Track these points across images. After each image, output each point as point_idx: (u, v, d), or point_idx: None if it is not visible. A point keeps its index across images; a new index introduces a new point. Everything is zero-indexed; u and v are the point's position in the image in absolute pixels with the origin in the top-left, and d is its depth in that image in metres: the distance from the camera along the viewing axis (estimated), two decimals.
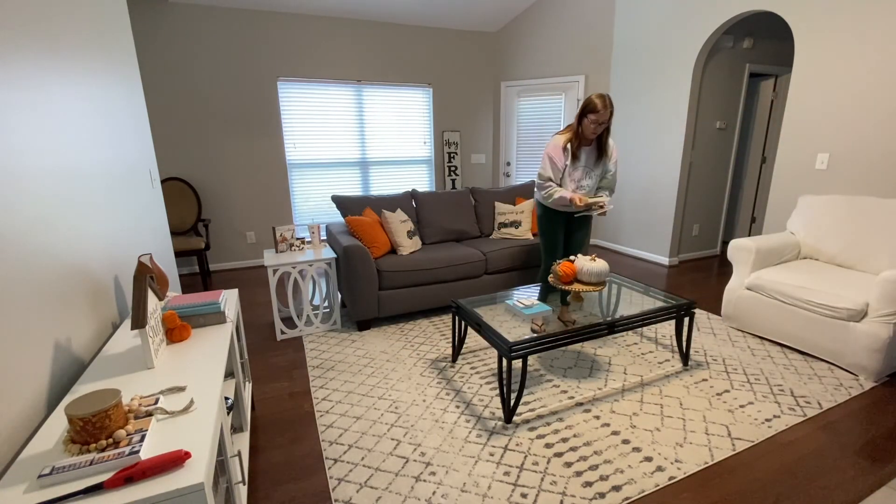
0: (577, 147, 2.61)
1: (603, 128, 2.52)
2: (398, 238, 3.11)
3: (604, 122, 2.48)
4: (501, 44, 5.33)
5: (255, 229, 4.67)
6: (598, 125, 2.49)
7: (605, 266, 2.42)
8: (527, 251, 3.40)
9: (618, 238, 5.02)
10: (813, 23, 3.08)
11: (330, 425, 2.00)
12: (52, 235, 1.25)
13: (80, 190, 1.48)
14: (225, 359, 1.34)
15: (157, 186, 2.53)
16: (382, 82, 4.90)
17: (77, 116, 1.55)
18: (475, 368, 2.47)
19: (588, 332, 2.08)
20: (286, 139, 4.61)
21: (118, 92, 2.04)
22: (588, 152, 2.64)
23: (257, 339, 2.93)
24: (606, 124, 2.51)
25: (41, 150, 1.26)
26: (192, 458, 0.89)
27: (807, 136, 3.22)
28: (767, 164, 4.91)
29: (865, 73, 2.86)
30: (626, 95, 4.60)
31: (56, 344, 1.20)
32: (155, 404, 1.06)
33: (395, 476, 1.69)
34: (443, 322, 3.11)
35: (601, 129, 2.52)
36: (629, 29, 4.46)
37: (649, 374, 2.38)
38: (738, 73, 4.34)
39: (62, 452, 0.92)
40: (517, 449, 1.82)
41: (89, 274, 1.46)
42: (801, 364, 2.46)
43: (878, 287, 2.20)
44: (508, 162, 5.58)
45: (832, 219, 2.81)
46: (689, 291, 3.69)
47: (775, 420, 1.99)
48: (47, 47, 1.38)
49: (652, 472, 1.69)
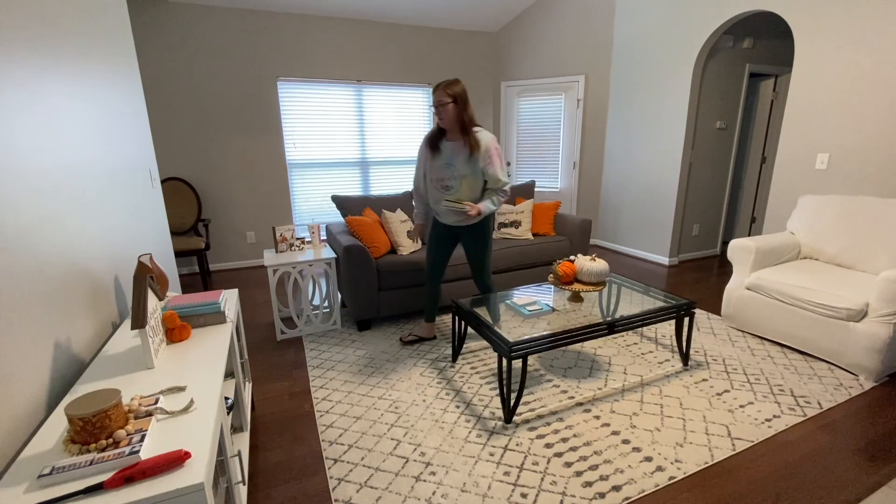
0: (440, 139, 2.35)
1: (444, 113, 2.21)
2: (398, 238, 3.11)
3: (438, 105, 2.21)
4: (501, 44, 5.33)
5: (255, 229, 4.67)
6: (436, 108, 2.23)
7: (605, 266, 2.42)
8: (527, 251, 3.40)
9: (618, 238, 5.02)
10: (813, 23, 3.08)
11: (330, 425, 2.00)
12: (52, 235, 1.25)
13: (79, 190, 1.48)
14: (225, 359, 1.34)
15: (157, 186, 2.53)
16: (382, 82, 4.90)
17: (77, 116, 1.55)
18: (475, 368, 2.47)
19: (588, 332, 2.08)
20: (286, 139, 4.61)
21: (118, 92, 2.04)
22: (454, 147, 2.30)
23: (257, 339, 2.93)
24: (440, 107, 2.20)
25: (41, 149, 1.26)
26: (192, 458, 0.89)
27: (807, 136, 3.22)
28: (767, 164, 4.91)
29: (865, 72, 2.86)
30: (627, 95, 4.60)
31: (56, 344, 1.20)
32: (155, 404, 1.06)
33: (395, 476, 1.69)
34: (443, 322, 3.11)
35: (442, 113, 2.22)
36: (629, 29, 4.46)
37: (649, 374, 2.38)
38: (738, 73, 4.34)
39: (62, 452, 0.92)
40: (517, 449, 1.82)
41: (89, 274, 1.46)
42: (801, 364, 2.46)
43: (878, 287, 2.20)
44: (508, 162, 5.58)
45: (832, 219, 2.81)
46: (689, 291, 3.69)
47: (775, 420, 1.99)
48: (48, 47, 1.38)
49: (652, 472, 1.69)
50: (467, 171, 2.30)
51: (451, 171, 2.32)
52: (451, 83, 2.21)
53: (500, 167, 2.31)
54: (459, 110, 2.22)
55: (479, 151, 2.26)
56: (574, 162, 5.17)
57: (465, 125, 2.24)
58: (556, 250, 3.51)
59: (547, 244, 3.48)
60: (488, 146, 2.27)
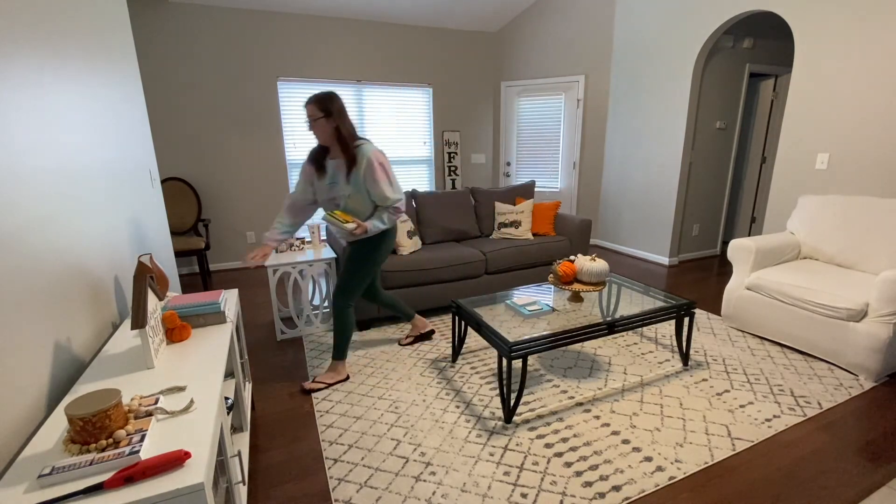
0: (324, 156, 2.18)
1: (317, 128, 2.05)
2: (398, 238, 3.11)
3: (310, 121, 2.04)
4: (501, 44, 5.33)
5: (255, 229, 4.67)
6: (308, 124, 2.06)
7: (605, 266, 2.42)
8: (527, 251, 3.40)
9: (618, 238, 5.02)
10: (813, 23, 3.08)
11: (330, 425, 2.00)
12: (52, 235, 1.25)
13: (79, 190, 1.48)
14: (225, 359, 1.34)
15: (157, 186, 2.53)
16: (382, 82, 4.90)
17: (77, 116, 1.55)
18: (475, 368, 2.47)
19: (588, 332, 2.08)
20: (286, 139, 4.61)
21: (118, 92, 2.04)
22: (336, 164, 2.14)
23: (257, 339, 2.93)
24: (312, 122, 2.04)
25: (41, 149, 1.26)
26: (192, 458, 0.89)
27: (807, 136, 3.22)
28: (767, 164, 4.91)
29: (865, 72, 2.86)
30: (626, 95, 4.60)
31: (56, 344, 1.20)
32: (155, 404, 1.06)
33: (395, 476, 1.69)
34: (443, 322, 3.11)
35: (315, 129, 2.05)
36: (629, 29, 4.46)
37: (649, 374, 2.38)
38: (738, 73, 4.34)
39: (62, 452, 0.92)
40: (517, 449, 1.82)
41: (89, 274, 1.46)
42: (801, 364, 2.46)
43: (878, 287, 2.20)
44: (508, 162, 5.58)
45: (832, 219, 2.81)
46: (689, 291, 3.69)
47: (775, 420, 1.99)
48: (48, 47, 1.38)
49: (652, 472, 1.69)
50: (350, 189, 2.10)
51: (336, 189, 2.15)
52: (324, 98, 2.03)
53: (385, 183, 2.10)
54: (334, 125, 2.03)
55: (357, 168, 2.06)
56: (574, 162, 5.17)
57: (343, 140, 2.05)
58: (556, 250, 3.51)
59: (547, 244, 3.48)
60: (370, 161, 2.05)
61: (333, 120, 2.03)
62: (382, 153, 2.12)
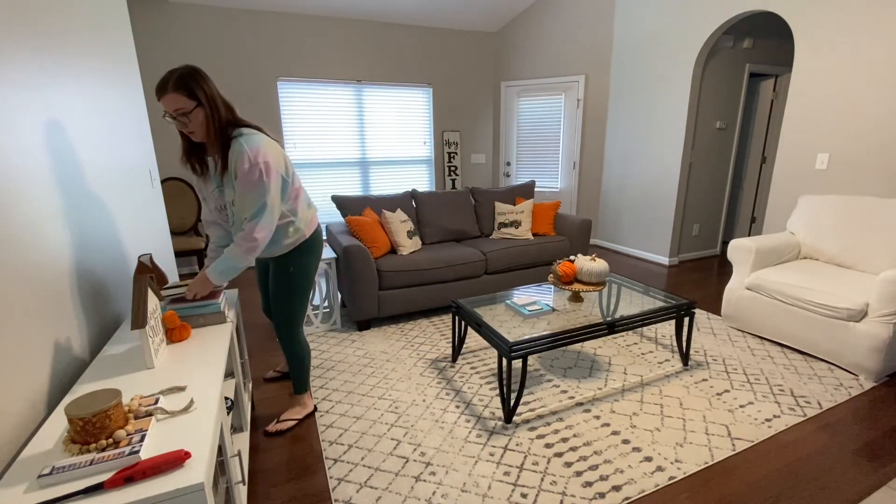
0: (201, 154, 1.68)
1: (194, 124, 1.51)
2: (398, 238, 3.11)
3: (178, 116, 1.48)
4: (501, 44, 5.33)
5: None
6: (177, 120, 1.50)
7: (605, 266, 2.42)
8: (527, 251, 3.40)
9: (618, 238, 5.02)
10: (813, 23, 3.08)
11: (330, 425, 2.00)
12: (52, 235, 1.25)
13: (79, 189, 1.48)
14: (225, 359, 1.34)
15: (157, 186, 2.53)
16: (382, 82, 4.90)
17: (77, 116, 1.55)
18: (475, 368, 2.47)
19: (588, 332, 2.08)
20: (286, 139, 4.61)
21: (118, 92, 2.04)
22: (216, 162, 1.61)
23: (257, 339, 2.93)
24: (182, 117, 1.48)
25: (41, 149, 1.26)
26: (192, 458, 0.89)
27: (807, 136, 3.21)
28: (767, 164, 4.91)
29: (865, 72, 2.86)
30: (627, 95, 4.60)
31: (56, 344, 1.20)
32: (155, 404, 1.06)
33: (395, 476, 1.69)
34: (443, 322, 3.11)
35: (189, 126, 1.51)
36: (629, 29, 4.46)
37: (649, 374, 2.38)
38: (738, 73, 4.34)
39: (62, 452, 0.92)
40: (517, 449, 1.82)
41: (89, 274, 1.46)
42: (801, 364, 2.46)
43: (878, 287, 2.20)
44: (508, 162, 5.58)
45: (832, 219, 2.81)
46: (689, 291, 3.68)
47: (775, 420, 1.99)
48: (48, 47, 1.38)
49: (652, 472, 1.69)
50: (234, 193, 1.59)
51: (225, 194, 1.67)
52: (187, 76, 1.46)
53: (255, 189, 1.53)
54: (207, 112, 1.50)
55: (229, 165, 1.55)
56: (574, 162, 5.17)
57: (216, 129, 1.53)
58: (556, 250, 3.51)
59: (547, 244, 3.48)
60: (241, 155, 1.51)
61: (206, 106, 1.50)
62: (274, 150, 1.59)
